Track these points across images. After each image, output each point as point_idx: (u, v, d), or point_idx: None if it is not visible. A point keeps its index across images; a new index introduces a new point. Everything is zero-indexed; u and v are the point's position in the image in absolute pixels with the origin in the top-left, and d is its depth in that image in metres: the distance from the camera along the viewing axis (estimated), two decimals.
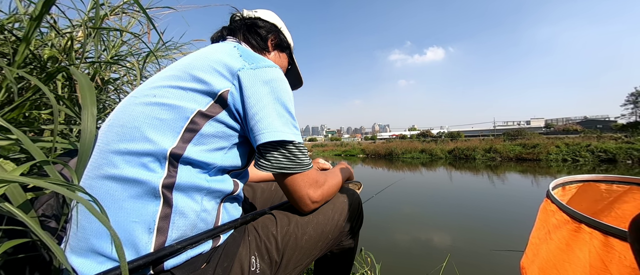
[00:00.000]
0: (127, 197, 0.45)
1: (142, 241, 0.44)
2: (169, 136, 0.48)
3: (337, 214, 0.68)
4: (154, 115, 0.49)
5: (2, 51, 0.80)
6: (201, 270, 0.49)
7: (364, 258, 1.89)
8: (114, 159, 0.46)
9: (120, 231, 0.43)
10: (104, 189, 0.45)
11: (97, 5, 0.98)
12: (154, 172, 0.46)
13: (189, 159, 0.49)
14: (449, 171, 12.18)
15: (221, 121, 0.53)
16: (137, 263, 0.41)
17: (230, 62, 0.55)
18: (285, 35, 0.83)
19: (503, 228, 3.94)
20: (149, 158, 0.46)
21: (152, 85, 0.53)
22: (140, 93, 0.53)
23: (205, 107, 0.51)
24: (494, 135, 31.05)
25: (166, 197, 0.46)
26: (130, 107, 0.51)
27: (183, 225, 0.48)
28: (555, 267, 0.54)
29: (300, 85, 1.00)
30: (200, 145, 0.50)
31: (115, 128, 0.49)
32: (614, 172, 1.20)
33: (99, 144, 0.49)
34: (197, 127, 0.50)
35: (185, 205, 0.48)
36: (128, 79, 1.48)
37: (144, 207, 0.45)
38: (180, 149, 0.48)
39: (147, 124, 0.48)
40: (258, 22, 0.77)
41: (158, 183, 0.45)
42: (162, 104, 0.50)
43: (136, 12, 1.34)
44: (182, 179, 0.48)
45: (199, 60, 0.56)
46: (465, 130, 57.29)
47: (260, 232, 0.59)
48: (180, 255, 0.47)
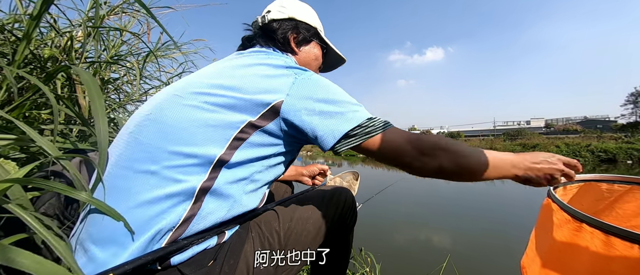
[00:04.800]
0: (162, 193, 0.46)
1: (158, 237, 0.45)
2: (217, 144, 0.49)
3: (332, 211, 0.69)
4: (205, 121, 0.49)
5: (2, 51, 0.80)
6: (208, 268, 0.49)
7: (364, 258, 1.89)
8: (158, 155, 0.47)
9: (142, 225, 0.44)
10: (140, 181, 0.46)
11: (96, 4, 0.98)
12: (196, 175, 0.47)
13: (232, 165, 0.50)
14: None
15: (268, 132, 0.53)
16: (144, 259, 0.42)
17: (280, 72, 0.55)
18: (306, 22, 0.75)
19: (503, 227, 3.94)
20: (194, 160, 0.47)
21: (198, 89, 0.53)
22: (185, 92, 0.53)
23: (255, 118, 0.51)
24: (494, 135, 31.06)
25: (199, 199, 0.48)
26: (177, 108, 0.51)
27: (201, 227, 0.49)
28: (556, 266, 0.54)
29: (343, 62, 0.92)
30: (246, 152, 0.52)
31: (160, 125, 0.50)
32: (614, 172, 1.21)
33: (137, 136, 0.50)
34: (246, 136, 0.51)
35: (211, 210, 0.49)
36: (128, 79, 1.48)
37: (174, 206, 0.46)
38: (228, 156, 0.49)
39: (197, 129, 0.49)
40: (272, 25, 0.71)
41: (197, 185, 0.47)
42: (213, 111, 0.50)
43: (136, 11, 1.34)
44: (220, 183, 0.49)
45: (243, 66, 0.57)
46: (465, 130, 57.33)
47: (263, 228, 0.60)
48: (186, 251, 0.47)
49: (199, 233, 0.49)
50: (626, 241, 0.44)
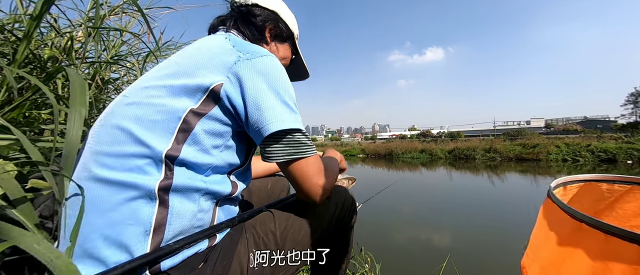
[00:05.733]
0: (122, 200, 0.44)
1: (138, 243, 0.43)
2: (162, 138, 0.46)
3: (332, 209, 0.69)
4: (147, 116, 0.47)
5: (2, 51, 0.80)
6: (199, 270, 0.49)
7: (364, 258, 1.89)
8: (107, 161, 0.45)
9: (114, 234, 0.43)
10: (97, 192, 0.44)
11: (97, 5, 0.98)
12: (150, 174, 0.45)
13: (184, 161, 0.48)
14: (449, 171, 12.18)
15: (214, 118, 0.51)
16: (132, 264, 0.40)
17: (223, 54, 0.53)
18: (287, 23, 0.74)
19: (503, 228, 3.94)
20: (144, 161, 0.45)
21: (143, 85, 0.52)
22: (131, 92, 0.52)
23: (196, 105, 0.49)
24: (494, 135, 31.06)
25: (162, 199, 0.45)
26: (121, 107, 0.50)
27: (179, 227, 0.47)
28: (556, 266, 0.53)
29: (306, 77, 0.91)
30: (194, 145, 0.49)
31: (107, 129, 0.48)
32: (614, 172, 1.21)
33: (90, 145, 0.48)
34: (190, 126, 0.48)
35: (182, 207, 0.47)
36: (128, 79, 1.48)
37: (139, 210, 0.44)
38: (176, 151, 0.47)
39: (140, 125, 0.47)
40: (254, 10, 0.69)
41: (154, 186, 0.44)
42: (154, 104, 0.48)
43: (136, 11, 1.34)
44: (179, 180, 0.47)
45: (189, 55, 0.54)
46: (465, 130, 57.29)
47: (258, 229, 0.60)
48: (177, 255, 0.46)
49: (188, 236, 0.48)
50: (626, 241, 0.44)
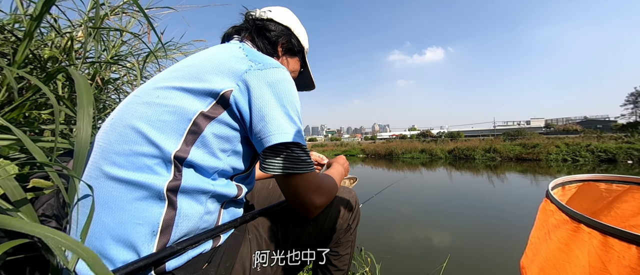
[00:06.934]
0: (131, 199, 0.44)
1: (145, 243, 0.44)
2: (172, 139, 0.47)
3: (336, 211, 0.69)
4: (157, 116, 0.48)
5: (2, 51, 0.80)
6: (203, 271, 0.49)
7: (364, 258, 1.89)
8: (118, 159, 0.46)
9: (122, 233, 0.43)
10: (107, 190, 0.45)
11: (97, 5, 0.98)
12: (160, 175, 0.46)
13: (192, 163, 0.49)
14: (449, 171, 12.18)
15: (223, 122, 0.52)
16: (138, 264, 0.41)
17: (235, 62, 0.55)
18: (299, 37, 0.79)
19: (503, 228, 3.94)
20: (154, 160, 0.46)
21: (155, 85, 0.53)
22: (143, 92, 0.53)
23: (206, 108, 0.50)
24: (494, 135, 31.05)
25: (171, 200, 0.46)
26: (133, 107, 0.50)
27: (186, 228, 0.48)
28: (555, 266, 0.54)
29: (312, 88, 0.96)
30: (203, 147, 0.50)
31: (118, 128, 0.49)
32: (614, 172, 1.20)
33: (101, 143, 0.49)
34: (200, 129, 0.49)
35: (189, 208, 0.48)
36: (128, 79, 1.48)
37: (148, 209, 0.45)
38: (184, 152, 0.47)
39: (150, 125, 0.47)
40: (269, 25, 0.73)
41: (163, 186, 0.45)
42: (165, 105, 0.49)
43: (136, 11, 1.34)
44: (187, 182, 0.47)
45: (202, 60, 0.56)
46: (465, 130, 57.28)
47: (261, 231, 0.60)
48: (182, 256, 0.47)
49: (193, 237, 0.48)
50: (624, 242, 0.44)
